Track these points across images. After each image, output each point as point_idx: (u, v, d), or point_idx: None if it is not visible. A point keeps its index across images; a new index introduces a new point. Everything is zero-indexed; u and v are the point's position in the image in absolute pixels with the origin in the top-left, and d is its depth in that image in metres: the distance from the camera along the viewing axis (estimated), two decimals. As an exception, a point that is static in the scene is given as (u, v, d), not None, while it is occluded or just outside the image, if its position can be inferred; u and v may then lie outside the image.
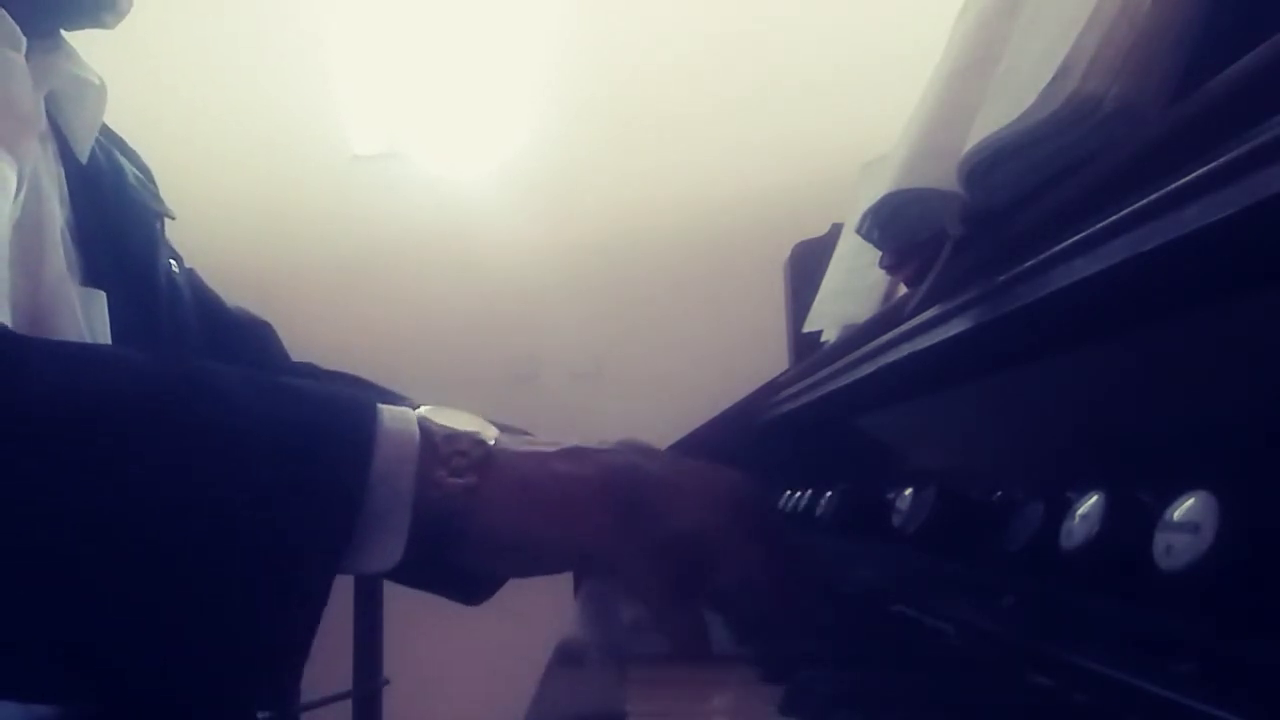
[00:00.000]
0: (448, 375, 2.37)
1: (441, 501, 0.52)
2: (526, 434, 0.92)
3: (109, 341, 0.75)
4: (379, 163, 2.49)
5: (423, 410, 0.55)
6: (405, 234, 2.45)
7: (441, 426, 0.54)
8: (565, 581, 0.83)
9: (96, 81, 0.81)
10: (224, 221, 2.37)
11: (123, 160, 0.88)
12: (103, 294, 0.76)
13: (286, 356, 1.07)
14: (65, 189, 0.78)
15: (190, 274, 0.98)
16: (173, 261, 0.89)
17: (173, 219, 0.93)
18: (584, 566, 0.60)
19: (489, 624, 0.60)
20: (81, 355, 0.54)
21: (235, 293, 1.04)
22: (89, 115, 0.81)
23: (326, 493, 0.49)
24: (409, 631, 1.86)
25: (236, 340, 1.00)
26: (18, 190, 0.70)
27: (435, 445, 0.53)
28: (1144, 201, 0.37)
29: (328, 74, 2.48)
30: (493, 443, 0.55)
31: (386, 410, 0.53)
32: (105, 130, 0.86)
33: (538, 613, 0.61)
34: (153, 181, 0.94)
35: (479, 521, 0.53)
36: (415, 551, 0.52)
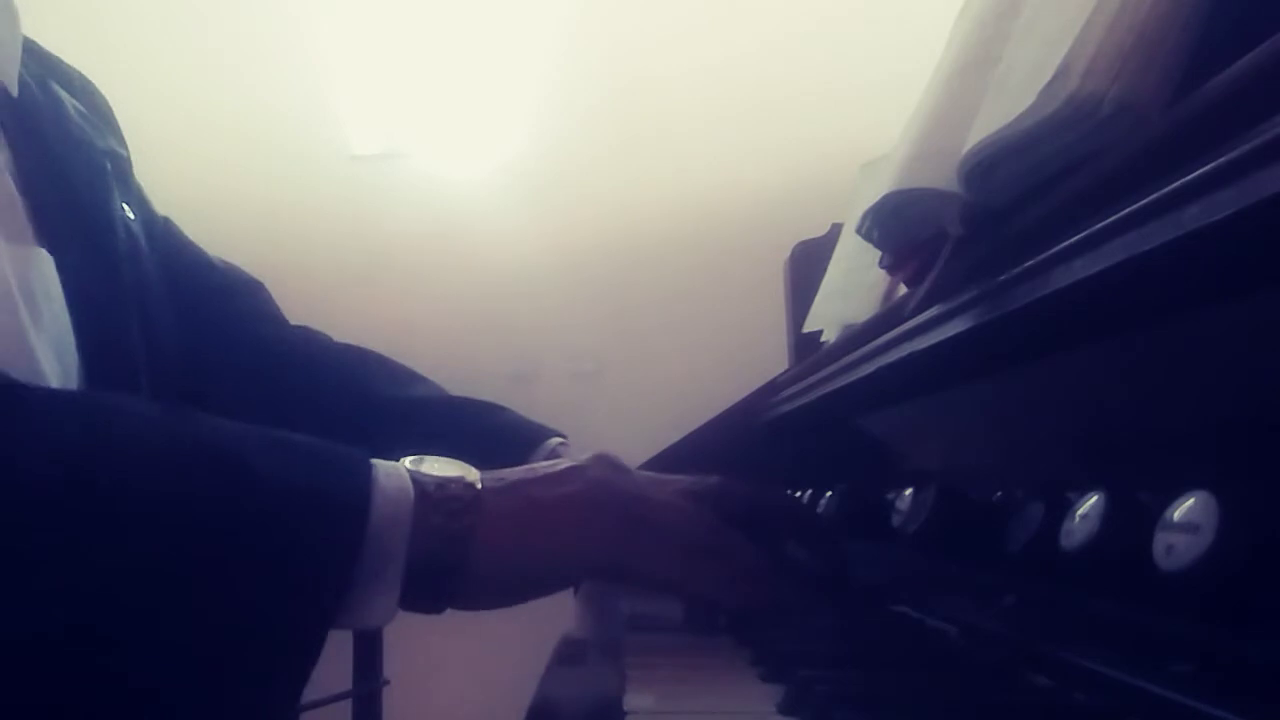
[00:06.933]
0: (448, 375, 2.36)
1: (439, 550, 0.52)
2: (562, 436, 0.92)
3: (62, 307, 0.67)
4: (379, 163, 2.48)
5: (407, 462, 0.55)
6: (405, 234, 2.44)
7: (431, 477, 0.54)
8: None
9: None
10: (223, 221, 2.36)
11: (60, 92, 0.77)
12: (46, 255, 0.67)
13: (282, 319, 1.02)
14: None
15: (167, 224, 0.91)
16: (126, 206, 0.79)
17: (125, 156, 0.83)
18: (593, 576, 0.61)
19: (489, 624, 0.60)
20: (82, 408, 0.52)
21: (234, 292, 1.02)
22: (3, 36, 0.69)
23: (322, 554, 0.49)
24: (409, 631, 1.85)
25: (221, 302, 0.95)
26: None
27: (428, 495, 0.53)
28: (1144, 201, 0.37)
29: (327, 74, 2.48)
30: (480, 485, 0.55)
31: (379, 466, 0.53)
32: (37, 57, 0.75)
33: (538, 613, 0.61)
34: (99, 113, 0.83)
35: (479, 561, 0.53)
36: (414, 601, 0.52)
